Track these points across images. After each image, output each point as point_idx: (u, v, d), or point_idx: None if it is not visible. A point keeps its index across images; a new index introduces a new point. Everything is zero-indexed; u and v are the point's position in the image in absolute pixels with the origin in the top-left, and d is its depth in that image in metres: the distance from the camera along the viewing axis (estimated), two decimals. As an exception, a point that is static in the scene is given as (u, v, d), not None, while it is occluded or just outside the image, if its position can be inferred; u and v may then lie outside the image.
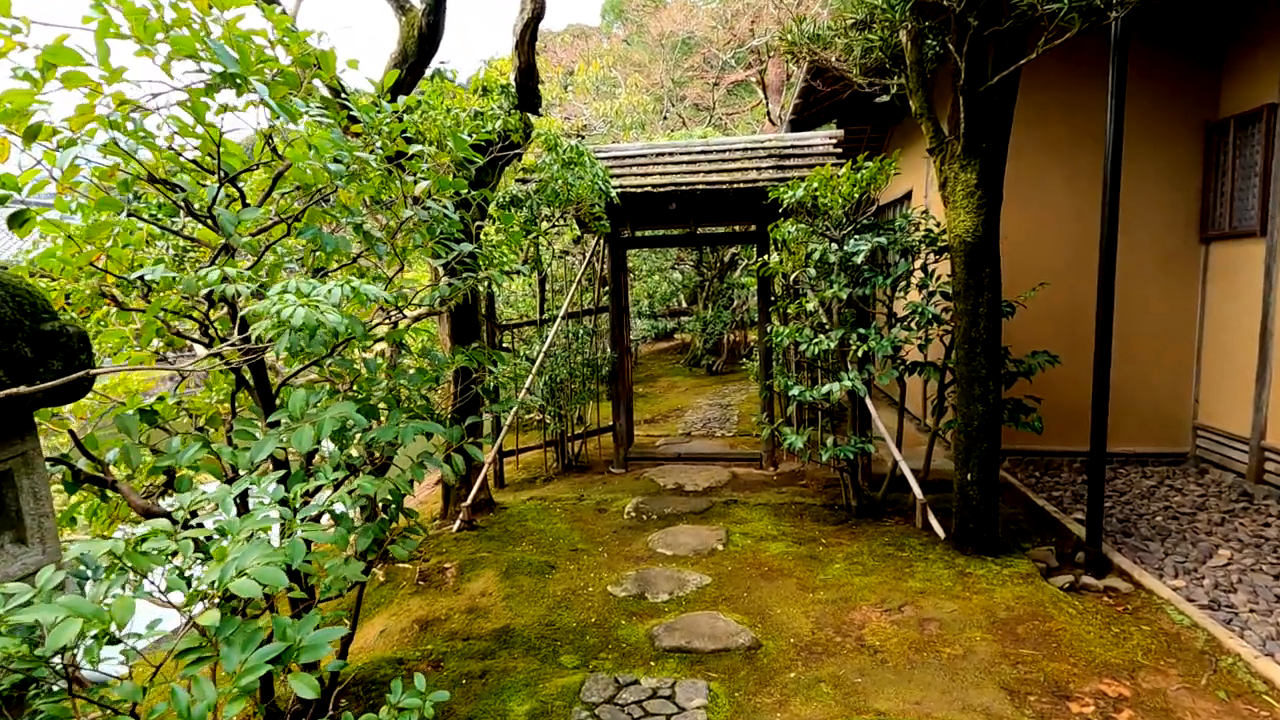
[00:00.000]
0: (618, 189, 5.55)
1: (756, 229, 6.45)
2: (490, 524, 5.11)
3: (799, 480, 6.00)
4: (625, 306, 7.13)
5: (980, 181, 3.83)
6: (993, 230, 3.90)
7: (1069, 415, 5.55)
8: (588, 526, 5.08)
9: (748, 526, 4.88)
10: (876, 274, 4.40)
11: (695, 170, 5.80)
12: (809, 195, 4.45)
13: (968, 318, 3.98)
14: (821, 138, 5.99)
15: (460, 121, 3.42)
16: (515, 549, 4.60)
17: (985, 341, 3.95)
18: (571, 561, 4.41)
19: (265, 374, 2.78)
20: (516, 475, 6.65)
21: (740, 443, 7.42)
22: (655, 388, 11.85)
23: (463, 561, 4.36)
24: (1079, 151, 5.75)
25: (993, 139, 3.81)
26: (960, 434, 4.09)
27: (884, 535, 4.53)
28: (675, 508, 5.30)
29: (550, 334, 6.09)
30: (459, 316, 4.92)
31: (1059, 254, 5.85)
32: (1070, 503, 5.22)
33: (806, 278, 4.64)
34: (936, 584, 3.80)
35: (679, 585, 3.96)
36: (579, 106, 11.34)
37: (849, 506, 5.04)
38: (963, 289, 3.99)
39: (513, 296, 9.31)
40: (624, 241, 6.84)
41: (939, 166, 4.04)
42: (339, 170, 2.24)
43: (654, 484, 5.98)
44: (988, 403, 3.97)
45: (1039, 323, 5.54)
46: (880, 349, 4.24)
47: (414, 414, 3.00)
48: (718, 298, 12.81)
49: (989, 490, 4.03)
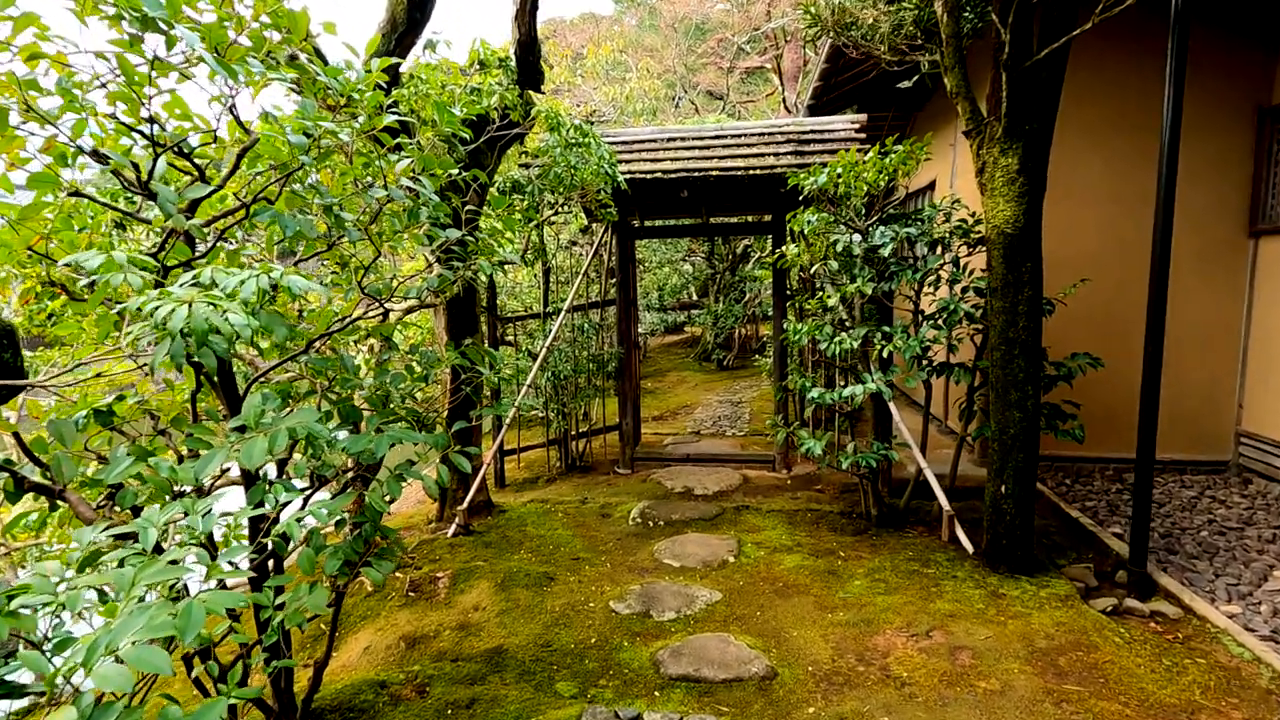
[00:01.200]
0: (626, 175, 5.24)
1: (772, 219, 6.12)
2: (488, 528, 4.85)
3: (814, 485, 5.69)
4: (633, 299, 6.82)
5: (1023, 167, 3.49)
6: (1035, 220, 3.56)
7: (1101, 419, 5.21)
8: (590, 533, 4.80)
9: (761, 536, 4.58)
10: (905, 268, 4.07)
11: (709, 156, 5.47)
12: (832, 182, 4.12)
13: (1005, 316, 3.65)
14: (843, 122, 5.64)
15: (455, 97, 3.12)
16: (513, 557, 4.33)
17: (1025, 342, 3.61)
18: (572, 572, 4.13)
19: (230, 370, 2.50)
20: (518, 475, 6.39)
21: (752, 443, 7.12)
22: (664, 383, 11.55)
23: (456, 570, 4.09)
24: (1117, 136, 5.38)
25: (1038, 120, 3.46)
26: (994, 443, 3.76)
27: (907, 548, 4.22)
28: (683, 514, 5.01)
29: (554, 328, 5.80)
30: (456, 309, 4.64)
31: (1093, 246, 5.49)
32: (1105, 514, 4.89)
33: (827, 271, 4.32)
34: (967, 606, 3.49)
35: (687, 602, 3.68)
36: (588, 91, 10.99)
37: (868, 515, 4.74)
38: (1000, 285, 3.65)
39: (518, 288, 9.03)
40: (633, 231, 6.53)
41: (976, 150, 3.70)
42: (301, 144, 1.94)
43: (661, 487, 5.69)
44: (1026, 409, 3.65)
45: (1069, 320, 5.19)
46: (908, 349, 3.91)
47: (398, 418, 2.73)
48: (729, 291, 12.47)
49: (1025, 505, 3.71)
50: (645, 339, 13.38)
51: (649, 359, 13.68)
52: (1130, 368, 3.91)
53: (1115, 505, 5.05)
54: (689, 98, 13.62)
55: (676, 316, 14.27)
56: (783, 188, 5.10)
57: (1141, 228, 5.46)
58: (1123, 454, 5.65)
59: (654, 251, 12.38)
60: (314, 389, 2.79)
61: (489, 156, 4.03)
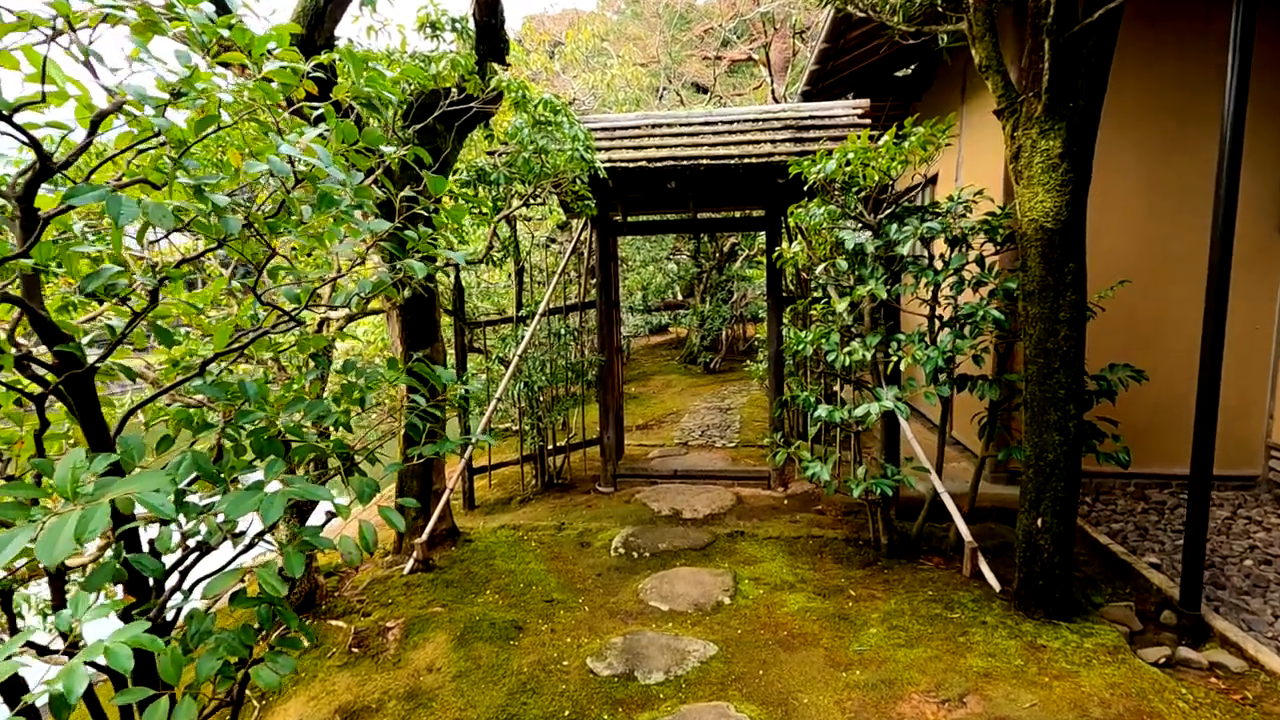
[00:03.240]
0: (606, 164, 4.69)
1: (766, 214, 5.61)
2: (451, 562, 4.28)
3: (813, 505, 5.20)
4: (615, 301, 6.28)
5: (1066, 151, 3.00)
6: (1079, 214, 3.08)
7: (1124, 431, 4.78)
8: (567, 567, 4.25)
9: (759, 569, 4.07)
10: (925, 269, 3.57)
11: (698, 143, 4.94)
12: (840, 169, 3.61)
13: (1043, 325, 3.16)
14: (844, 107, 5.14)
15: (395, 61, 2.56)
16: (477, 600, 3.78)
17: (1066, 355, 3.13)
18: (544, 619, 3.59)
19: (94, 398, 1.92)
20: (489, 495, 5.82)
21: (744, 456, 6.61)
22: (649, 387, 11.03)
23: (410, 619, 3.53)
24: (1149, 123, 4.93)
25: (1085, 96, 2.98)
26: (1029, 469, 3.28)
27: (925, 585, 3.73)
28: (671, 542, 4.48)
29: (527, 333, 5.24)
30: (412, 315, 4.07)
31: (1119, 244, 5.04)
32: (1135, 539, 4.44)
33: (833, 271, 3.81)
34: (1003, 661, 3.00)
35: (677, 659, 3.15)
36: (566, 81, 10.40)
37: (877, 543, 4.25)
38: (1037, 288, 3.17)
39: (493, 289, 8.44)
40: (614, 227, 5.99)
41: (1009, 132, 3.21)
42: (161, 103, 1.39)
43: (646, 509, 5.16)
44: (1066, 431, 3.16)
45: (1095, 324, 4.75)
46: (929, 361, 3.42)
47: (318, 455, 2.18)
48: (716, 290, 11.98)
49: (1064, 541, 3.23)
50: (629, 341, 12.84)
51: (633, 362, 13.15)
52: (1157, 375, 3.49)
53: (1144, 529, 4.60)
54: (674, 89, 13.09)
55: (661, 317, 13.75)
56: (781, 178, 4.60)
57: (1174, 224, 5.04)
58: (1148, 469, 5.22)
59: (638, 250, 11.84)
60: (207, 424, 2.22)
61: (445, 139, 3.47)
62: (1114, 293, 3.69)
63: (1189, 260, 4.88)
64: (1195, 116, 4.84)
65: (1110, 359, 3.86)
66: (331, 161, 1.64)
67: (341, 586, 4.11)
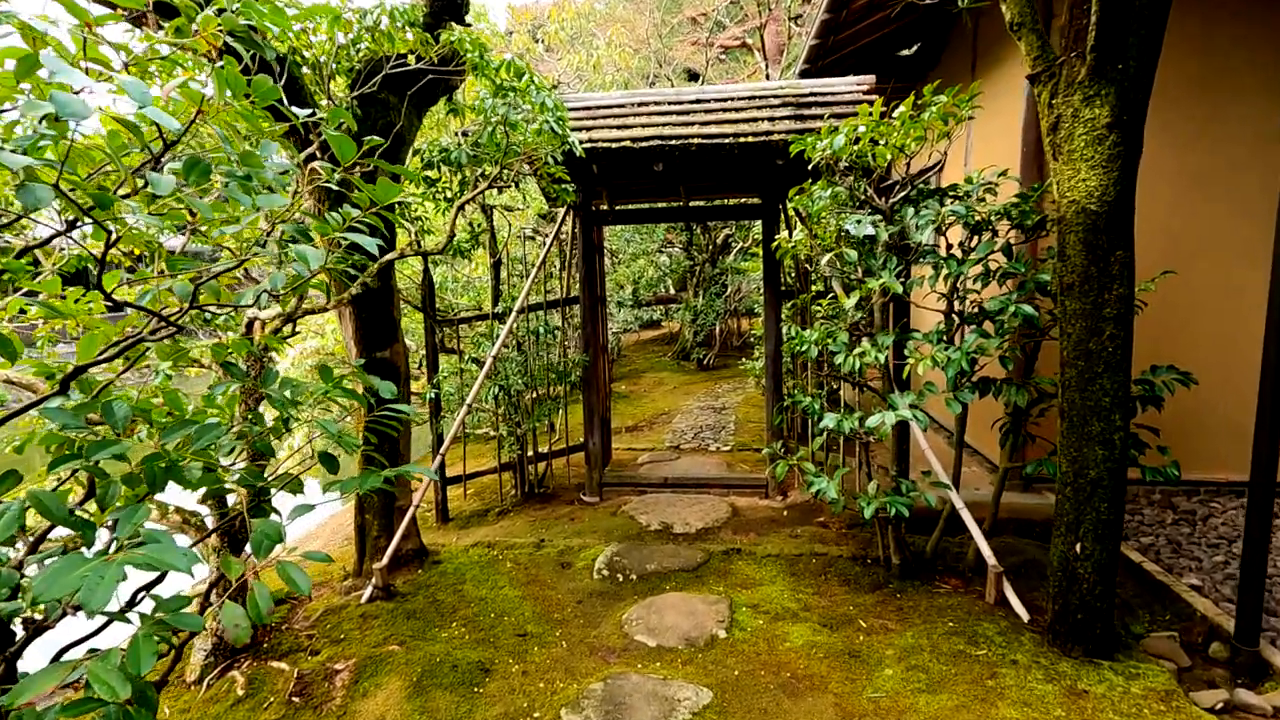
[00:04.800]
0: (587, 144, 4.25)
1: (763, 201, 5.17)
2: (416, 588, 3.85)
3: (814, 516, 4.79)
4: (601, 297, 5.84)
5: (1116, 120, 2.58)
6: (1128, 194, 2.66)
7: (1143, 433, 4.40)
8: (545, 592, 3.83)
9: (757, 594, 3.66)
10: (949, 259, 3.15)
11: (688, 122, 4.50)
12: (849, 146, 3.18)
13: (1084, 323, 2.75)
14: (849, 83, 4.71)
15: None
16: (440, 635, 3.35)
17: (1110, 358, 2.72)
18: (516, 658, 3.16)
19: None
20: (465, 506, 5.39)
21: (739, 460, 6.20)
22: (639, 385, 10.60)
23: (362, 660, 3.10)
24: (1183, 98, 4.51)
25: (1137, 56, 2.55)
26: (1066, 486, 2.87)
27: (944, 614, 3.32)
28: (660, 562, 4.07)
29: (503, 332, 4.80)
30: (367, 312, 3.62)
31: (1154, 228, 4.63)
32: (1169, 554, 4.05)
33: (840, 262, 3.38)
34: (1041, 711, 2.60)
35: (665, 710, 2.73)
36: (551, 64, 9.89)
37: (887, 562, 3.84)
38: (1078, 280, 2.75)
39: (473, 282, 7.97)
40: (598, 216, 5.54)
41: (1046, 101, 2.78)
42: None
43: (634, 523, 4.74)
44: (1110, 445, 2.75)
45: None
46: (952, 364, 3.00)
47: (213, 490, 1.75)
48: (710, 284, 11.54)
49: (1107, 569, 2.83)
50: (618, 337, 12.40)
51: (624, 358, 12.72)
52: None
53: (1176, 542, 4.22)
54: (664, 73, 12.62)
55: (653, 312, 13.31)
56: (780, 159, 4.17)
57: (1208, 207, 4.65)
58: (1181, 476, 4.83)
59: (628, 241, 11.38)
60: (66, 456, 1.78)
61: (398, 111, 3.02)
62: (1155, 285, 3.27)
63: (1218, 246, 4.50)
64: (1235, 88, 4.43)
65: (1151, 356, 3.46)
66: (167, 110, 1.20)
67: (292, 617, 3.67)
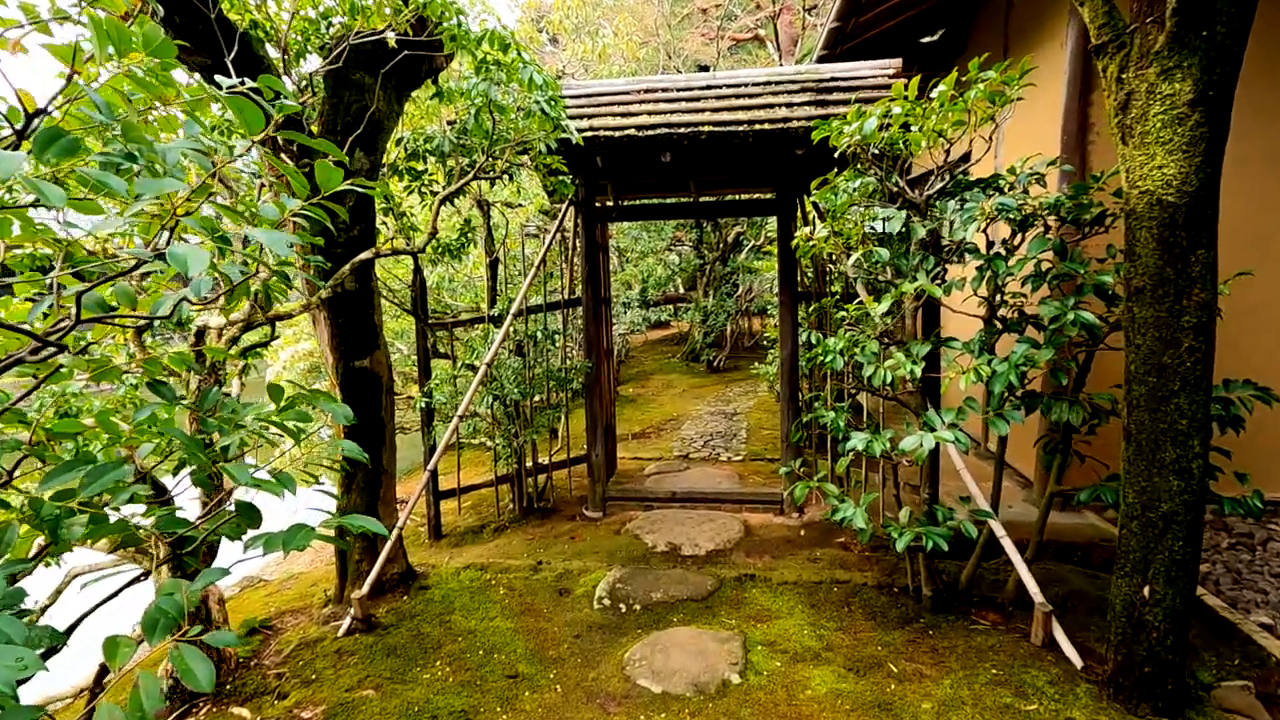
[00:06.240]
0: (588, 134, 3.90)
1: (777, 195, 4.80)
2: (399, 618, 3.53)
3: (834, 537, 4.43)
4: (605, 298, 5.50)
5: (1200, 97, 2.21)
6: (1212, 184, 2.28)
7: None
8: (540, 624, 3.49)
9: (774, 629, 3.31)
10: (996, 258, 2.77)
11: (699, 109, 4.14)
12: (880, 133, 2.81)
13: (1156, 333, 2.37)
14: (872, 67, 4.33)
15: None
16: (422, 676, 3.02)
17: (1188, 374, 2.34)
18: (504, 706, 2.83)
19: None
20: (460, 521, 5.07)
21: (752, 472, 5.84)
22: (647, 388, 10.25)
23: (333, 707, 2.78)
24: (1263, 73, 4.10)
25: (1226, 21, 2.17)
26: (1133, 520, 2.50)
27: (985, 658, 2.96)
28: (667, 590, 3.72)
29: (498, 336, 4.46)
30: (343, 315, 3.30)
31: (1236, 223, 4.22)
32: (1230, 586, 3.67)
33: (868, 262, 3.01)
34: (1108, 787, 2.23)
35: (671, 776, 2.39)
36: (555, 53, 9.54)
37: (916, 593, 3.48)
38: (1150, 283, 2.37)
39: (473, 281, 7.65)
40: (601, 212, 5.20)
41: (1114, 76, 2.41)
42: None
43: (639, 543, 4.39)
44: (1187, 474, 2.38)
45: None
46: (999, 378, 2.63)
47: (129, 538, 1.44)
48: (720, 284, 11.17)
49: (1181, 617, 2.45)
50: (626, 339, 12.05)
51: (631, 359, 12.38)
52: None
53: (1236, 571, 3.83)
54: (673, 65, 12.25)
55: (662, 312, 12.96)
56: (799, 149, 3.81)
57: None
58: (1223, 492, 4.42)
59: (635, 240, 11.03)
60: None
61: (373, 93, 2.69)
62: (1229, 288, 2.88)
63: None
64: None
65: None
66: None
67: (264, 650, 3.36)
